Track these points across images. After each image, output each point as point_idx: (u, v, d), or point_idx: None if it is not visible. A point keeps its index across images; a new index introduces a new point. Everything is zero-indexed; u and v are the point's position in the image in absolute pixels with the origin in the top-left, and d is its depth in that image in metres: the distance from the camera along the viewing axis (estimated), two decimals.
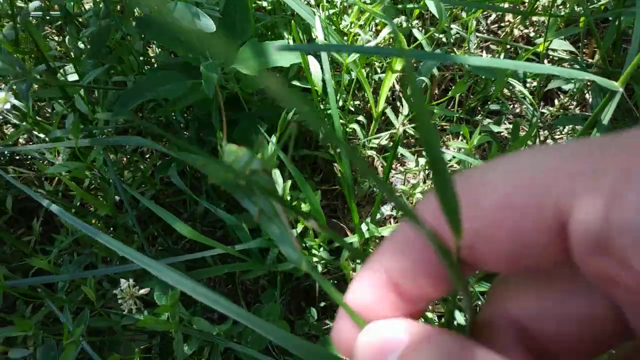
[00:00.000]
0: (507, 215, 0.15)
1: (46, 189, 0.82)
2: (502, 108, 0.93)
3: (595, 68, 0.91)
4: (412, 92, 0.11)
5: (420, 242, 0.18)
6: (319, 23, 0.67)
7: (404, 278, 0.18)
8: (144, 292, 0.61)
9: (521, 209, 0.15)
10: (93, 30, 0.67)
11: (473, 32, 0.82)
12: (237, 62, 0.68)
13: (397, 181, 0.94)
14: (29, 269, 0.85)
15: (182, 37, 0.67)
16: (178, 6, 0.64)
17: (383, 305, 0.19)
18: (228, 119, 0.77)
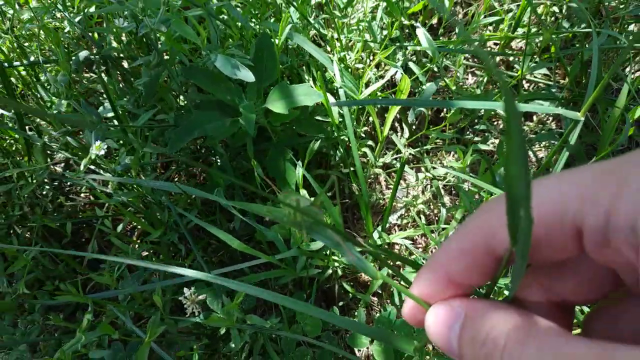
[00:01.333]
0: (539, 229, 0.22)
1: (98, 214, 0.94)
2: (488, 127, 1.07)
3: (566, 91, 1.06)
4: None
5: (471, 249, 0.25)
6: (336, 67, 0.81)
7: (460, 273, 0.25)
8: (202, 298, 0.73)
9: (549, 225, 0.22)
10: (146, 80, 0.79)
11: (461, 65, 0.96)
12: (268, 102, 0.82)
13: (401, 194, 1.07)
14: (84, 284, 0.96)
15: (222, 83, 0.80)
16: (219, 58, 0.77)
17: (440, 292, 0.26)
18: (258, 148, 0.89)
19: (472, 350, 0.23)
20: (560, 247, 0.22)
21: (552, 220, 0.21)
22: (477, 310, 0.24)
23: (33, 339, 0.80)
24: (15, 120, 0.93)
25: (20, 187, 0.93)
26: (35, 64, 0.97)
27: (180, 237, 0.95)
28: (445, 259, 0.26)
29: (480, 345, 0.23)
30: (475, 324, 0.23)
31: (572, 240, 0.22)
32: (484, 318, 0.23)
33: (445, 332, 0.25)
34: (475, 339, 0.23)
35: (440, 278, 0.26)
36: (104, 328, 0.69)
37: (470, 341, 0.23)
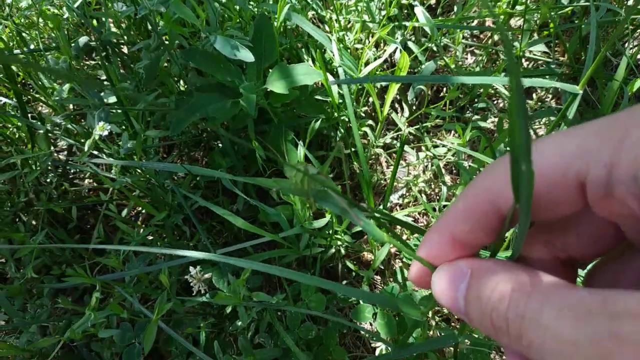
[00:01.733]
0: (542, 185, 0.22)
1: (102, 198, 0.95)
2: (488, 105, 1.08)
3: (565, 67, 1.07)
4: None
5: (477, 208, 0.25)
6: (335, 47, 0.81)
7: (466, 233, 0.26)
8: (207, 276, 0.75)
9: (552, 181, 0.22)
10: (146, 63, 0.80)
11: (460, 42, 0.96)
12: (268, 83, 0.82)
13: (402, 173, 1.08)
14: (91, 269, 0.98)
15: (222, 65, 0.80)
16: (218, 40, 0.77)
17: (446, 253, 0.27)
18: (259, 130, 0.90)
19: (478, 307, 0.24)
20: (564, 202, 0.23)
21: (554, 176, 0.22)
22: (482, 269, 0.24)
23: (44, 320, 0.81)
24: (18, 107, 0.94)
25: (24, 174, 0.94)
26: (36, 52, 0.97)
27: (184, 220, 0.96)
28: (452, 220, 0.26)
29: (485, 302, 0.23)
30: (481, 282, 0.24)
31: (575, 195, 0.22)
32: (489, 276, 0.24)
33: (451, 292, 0.25)
34: (481, 296, 0.23)
35: (446, 239, 0.27)
36: (113, 307, 0.71)
37: (476, 299, 0.24)
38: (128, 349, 0.81)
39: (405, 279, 0.93)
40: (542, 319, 0.20)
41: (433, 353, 0.79)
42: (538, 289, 0.21)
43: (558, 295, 0.20)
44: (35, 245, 0.86)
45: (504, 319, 0.22)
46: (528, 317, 0.21)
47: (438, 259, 0.27)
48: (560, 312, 0.19)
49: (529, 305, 0.21)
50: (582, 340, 0.18)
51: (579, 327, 0.19)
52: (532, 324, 0.20)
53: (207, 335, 0.81)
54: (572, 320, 0.19)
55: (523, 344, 0.21)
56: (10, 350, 0.79)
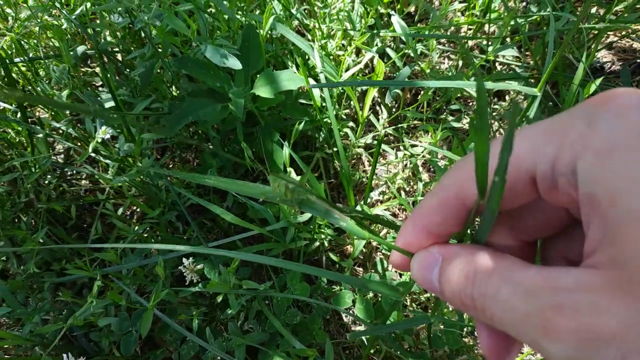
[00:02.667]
0: None
1: (99, 197, 1.00)
2: (460, 107, 1.15)
3: (533, 70, 1.14)
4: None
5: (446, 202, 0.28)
6: (317, 54, 0.88)
7: (438, 224, 0.29)
8: (200, 267, 0.81)
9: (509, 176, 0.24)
10: (141, 70, 0.86)
11: (435, 49, 1.03)
12: (255, 88, 0.89)
13: (382, 172, 1.15)
14: (90, 263, 1.03)
15: (212, 71, 0.87)
16: (208, 48, 0.84)
17: (420, 242, 0.30)
18: (247, 132, 0.96)
19: (449, 288, 0.27)
20: (520, 194, 0.26)
21: (511, 173, 0.25)
22: (452, 254, 0.28)
23: (46, 309, 0.86)
24: (18, 112, 1.00)
25: (24, 176, 0.99)
26: (36, 60, 1.03)
27: (177, 217, 1.02)
28: (425, 212, 0.30)
29: (455, 283, 0.27)
30: (450, 265, 0.28)
31: (529, 187, 0.25)
32: (457, 260, 0.27)
33: (427, 275, 0.29)
34: (451, 278, 0.27)
35: (420, 229, 0.30)
36: (112, 296, 0.77)
37: (447, 281, 0.27)
38: (125, 336, 0.87)
39: (385, 269, 0.99)
40: (500, 295, 0.24)
41: (409, 336, 0.86)
42: (497, 270, 0.25)
43: (512, 274, 0.24)
44: (37, 245, 0.92)
45: (471, 297, 0.25)
46: (489, 295, 0.24)
47: (414, 247, 0.31)
48: (514, 289, 0.23)
49: (489, 284, 0.24)
50: (530, 311, 0.22)
51: (528, 301, 0.22)
52: (493, 300, 0.24)
53: (199, 323, 0.87)
54: (523, 296, 0.23)
55: (487, 317, 0.25)
56: (14, 340, 0.84)
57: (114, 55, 1.03)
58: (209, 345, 0.75)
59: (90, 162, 1.15)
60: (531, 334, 0.22)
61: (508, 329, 0.24)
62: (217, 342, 0.80)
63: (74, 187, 1.10)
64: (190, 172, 0.97)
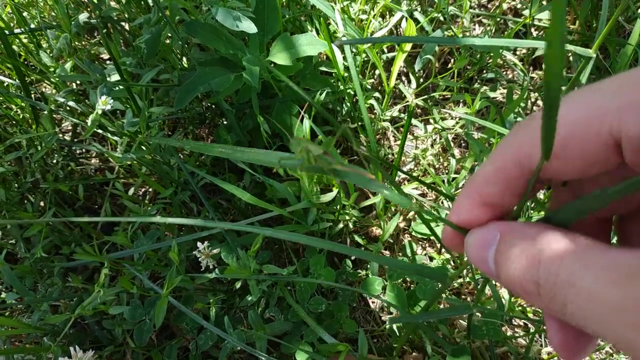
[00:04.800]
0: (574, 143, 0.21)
1: (108, 177, 0.94)
2: (497, 75, 1.05)
3: (576, 35, 1.04)
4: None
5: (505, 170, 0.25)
6: (338, 15, 0.79)
7: (495, 196, 0.26)
8: (216, 252, 0.74)
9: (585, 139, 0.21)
10: (147, 37, 0.78)
11: (468, 11, 0.94)
12: (271, 55, 0.80)
13: (409, 147, 1.07)
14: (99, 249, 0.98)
15: (224, 37, 0.79)
16: (219, 11, 0.75)
17: (477, 217, 0.27)
18: (263, 103, 0.89)
19: (507, 269, 0.23)
20: (599, 160, 0.22)
21: (586, 133, 0.21)
22: (512, 232, 0.24)
23: (56, 296, 0.81)
24: (21, 88, 0.93)
25: (30, 155, 0.93)
26: (37, 30, 0.96)
27: (190, 197, 0.95)
28: (480, 182, 0.27)
29: (515, 265, 0.23)
30: (510, 244, 0.24)
31: (611, 151, 0.21)
32: (518, 238, 0.23)
33: (483, 255, 0.25)
34: (510, 259, 0.23)
35: (476, 202, 0.27)
36: (123, 283, 0.71)
37: (505, 262, 0.24)
38: (139, 325, 0.81)
39: (414, 253, 0.92)
40: (578, 281, 0.19)
41: (444, 325, 0.79)
42: (571, 251, 0.20)
43: (594, 257, 0.19)
44: (44, 225, 0.86)
45: (534, 282, 0.21)
46: (561, 280, 0.20)
47: (469, 223, 0.28)
48: (600, 274, 0.19)
49: (562, 268, 0.20)
50: (623, 302, 0.17)
51: (621, 289, 0.18)
52: (566, 286, 0.20)
53: (217, 310, 0.81)
54: (612, 283, 0.18)
55: (556, 307, 0.21)
56: (23, 329, 0.79)
57: (119, 24, 0.95)
58: (228, 336, 0.69)
59: (99, 139, 1.09)
60: (621, 329, 0.18)
61: (587, 321, 0.19)
62: (236, 332, 0.74)
63: (82, 166, 1.04)
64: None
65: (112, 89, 0.71)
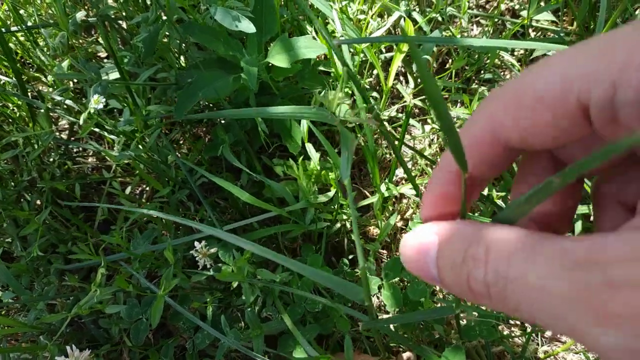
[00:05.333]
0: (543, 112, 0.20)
1: (105, 176, 0.94)
2: (494, 76, 1.06)
3: (574, 35, 1.04)
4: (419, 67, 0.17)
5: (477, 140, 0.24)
6: (336, 16, 0.79)
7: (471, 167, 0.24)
8: (213, 251, 0.74)
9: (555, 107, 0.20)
10: (145, 36, 0.78)
11: (466, 12, 0.94)
12: (269, 56, 0.80)
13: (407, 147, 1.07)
14: (95, 248, 0.98)
15: (222, 38, 0.79)
16: (218, 11, 0.75)
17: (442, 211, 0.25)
18: (261, 102, 0.89)
19: (451, 274, 0.22)
20: (567, 129, 0.21)
21: (555, 100, 0.20)
22: (452, 232, 0.23)
23: (52, 295, 0.81)
24: (17, 86, 0.93)
25: (26, 153, 0.93)
26: (34, 28, 0.96)
27: (188, 197, 0.95)
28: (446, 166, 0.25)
29: (460, 268, 0.21)
30: (452, 246, 0.22)
31: (579, 120, 0.20)
32: (460, 239, 0.22)
33: (422, 262, 0.23)
34: (454, 261, 0.22)
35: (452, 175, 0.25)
36: (119, 282, 0.71)
37: (449, 266, 0.22)
38: (135, 324, 0.81)
39: None
40: (529, 277, 0.18)
41: (440, 325, 0.79)
42: (520, 245, 0.19)
43: (543, 249, 0.19)
44: (40, 223, 0.86)
45: (483, 283, 0.20)
46: (512, 278, 0.19)
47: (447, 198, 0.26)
48: (550, 266, 0.18)
49: (512, 264, 0.19)
50: (575, 293, 0.17)
51: (571, 280, 0.17)
52: (517, 285, 0.19)
53: (214, 309, 0.81)
54: (561, 274, 0.18)
55: (509, 307, 0.20)
56: (19, 327, 0.79)
57: (117, 22, 0.95)
58: (225, 337, 0.69)
59: (96, 138, 1.08)
60: (576, 322, 0.17)
61: (540, 316, 0.18)
62: (232, 331, 0.75)
63: (79, 165, 1.03)
64: (202, 148, 0.90)
65: (107, 87, 0.70)
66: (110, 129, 0.78)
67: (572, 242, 0.18)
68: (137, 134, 0.80)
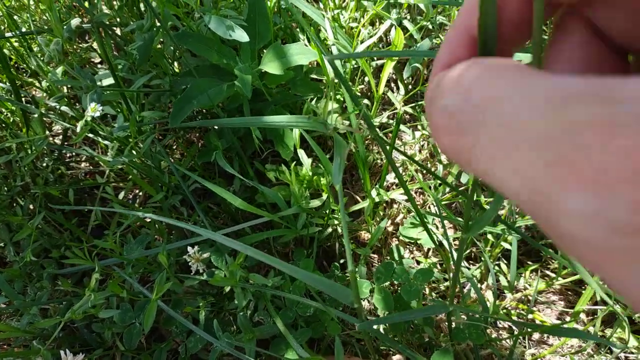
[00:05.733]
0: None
1: (99, 181, 0.95)
2: None
3: None
4: None
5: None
6: (328, 24, 0.81)
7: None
8: (206, 256, 0.75)
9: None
10: (140, 43, 0.79)
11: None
12: (262, 64, 0.82)
13: (397, 153, 1.08)
14: (89, 252, 0.98)
15: (216, 47, 0.80)
16: (212, 20, 0.77)
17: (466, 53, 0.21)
18: (254, 108, 0.90)
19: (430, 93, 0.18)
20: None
21: None
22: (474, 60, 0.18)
23: (44, 302, 0.82)
24: (12, 91, 0.94)
25: (20, 158, 0.93)
26: (28, 34, 0.97)
27: (181, 202, 0.96)
28: (470, 14, 0.21)
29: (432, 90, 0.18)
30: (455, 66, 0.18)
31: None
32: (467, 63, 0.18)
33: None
34: (439, 86, 0.18)
35: (464, 37, 0.21)
36: (112, 287, 0.71)
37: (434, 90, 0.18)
38: (128, 329, 0.82)
39: (401, 257, 0.94)
40: (504, 105, 0.14)
41: (430, 327, 0.80)
42: (494, 68, 0.15)
43: (522, 78, 0.14)
44: (33, 228, 0.86)
45: (446, 111, 0.16)
46: (479, 103, 0.15)
47: (459, 54, 0.22)
48: (526, 98, 0.14)
49: (475, 86, 0.15)
50: (552, 132, 0.13)
51: (552, 117, 0.13)
52: (479, 113, 0.15)
53: (206, 314, 0.82)
54: (543, 107, 0.13)
55: (465, 147, 0.15)
56: (11, 332, 0.80)
57: (111, 29, 0.96)
58: (217, 341, 0.70)
59: (89, 143, 1.09)
60: (535, 168, 0.13)
61: (495, 161, 0.14)
62: (225, 335, 0.75)
63: (72, 170, 1.04)
64: (195, 154, 0.91)
65: (102, 95, 0.71)
66: (105, 135, 0.79)
67: (567, 77, 0.13)
68: (131, 140, 0.81)
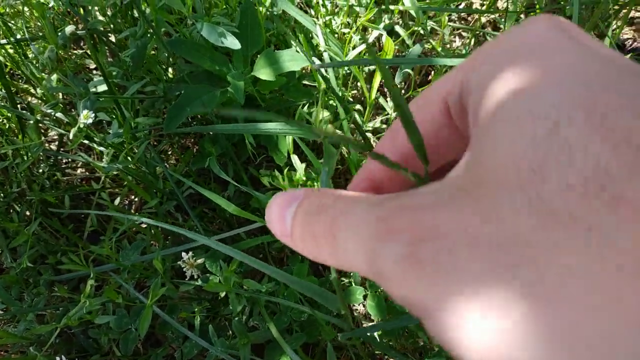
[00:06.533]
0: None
1: (94, 187, 0.95)
2: None
3: None
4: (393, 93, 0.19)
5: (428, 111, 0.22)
6: (320, 31, 0.82)
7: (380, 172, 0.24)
8: (200, 262, 0.76)
9: (423, 110, 0.21)
10: (133, 50, 0.80)
11: (446, 25, 0.97)
12: (255, 70, 0.83)
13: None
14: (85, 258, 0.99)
15: (209, 54, 0.81)
16: (204, 27, 0.77)
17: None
18: (248, 116, 0.91)
19: (299, 227, 0.20)
20: (438, 130, 0.21)
21: (431, 102, 0.21)
22: (317, 192, 0.21)
23: (41, 308, 0.82)
24: (7, 98, 0.94)
25: (16, 165, 0.94)
26: (23, 41, 0.97)
27: (176, 207, 0.97)
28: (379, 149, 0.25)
29: (307, 219, 0.20)
30: (311, 199, 0.20)
31: (444, 115, 0.21)
32: (323, 191, 0.20)
33: (282, 213, 0.22)
34: (306, 213, 0.20)
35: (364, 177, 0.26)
36: (108, 293, 0.72)
37: (301, 218, 0.20)
38: (125, 334, 0.83)
39: None
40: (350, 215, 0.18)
41: (424, 332, 0.81)
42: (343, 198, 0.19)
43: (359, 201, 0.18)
44: (30, 235, 0.87)
45: (311, 235, 0.19)
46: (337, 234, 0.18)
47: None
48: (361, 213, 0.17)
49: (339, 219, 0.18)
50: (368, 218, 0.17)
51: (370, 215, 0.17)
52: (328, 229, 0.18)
53: (202, 319, 0.83)
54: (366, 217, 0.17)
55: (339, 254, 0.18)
56: (9, 338, 0.80)
57: (105, 36, 0.96)
58: (212, 347, 0.70)
59: (85, 149, 1.10)
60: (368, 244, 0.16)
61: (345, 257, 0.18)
62: (220, 341, 0.76)
63: (68, 176, 1.05)
64: (190, 160, 0.92)
65: (96, 101, 0.72)
66: (100, 141, 0.80)
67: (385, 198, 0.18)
68: (126, 146, 0.81)
